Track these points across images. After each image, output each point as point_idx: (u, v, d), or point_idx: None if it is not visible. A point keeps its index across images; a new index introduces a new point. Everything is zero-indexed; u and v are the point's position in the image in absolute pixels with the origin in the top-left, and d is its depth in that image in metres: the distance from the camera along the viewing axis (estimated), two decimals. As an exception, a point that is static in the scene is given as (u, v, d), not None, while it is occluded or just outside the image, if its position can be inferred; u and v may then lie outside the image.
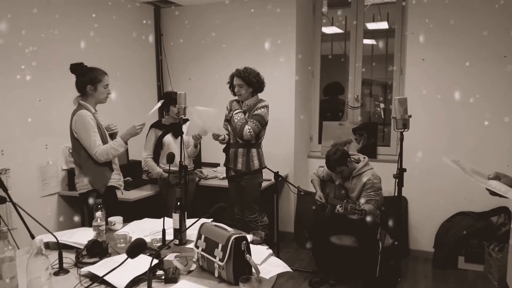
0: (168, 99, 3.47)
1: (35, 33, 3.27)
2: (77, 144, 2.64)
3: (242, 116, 3.26)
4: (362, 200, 3.12)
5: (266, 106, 3.31)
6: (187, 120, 3.55)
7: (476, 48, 3.61)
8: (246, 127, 3.21)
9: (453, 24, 3.66)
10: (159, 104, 2.99)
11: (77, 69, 2.64)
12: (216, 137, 3.31)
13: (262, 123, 3.29)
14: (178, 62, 4.72)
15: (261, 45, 4.28)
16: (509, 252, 3.23)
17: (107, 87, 2.70)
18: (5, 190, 2.40)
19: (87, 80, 2.63)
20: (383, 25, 4.38)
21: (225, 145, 3.45)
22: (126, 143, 2.72)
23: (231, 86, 3.35)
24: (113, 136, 2.88)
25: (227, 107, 3.47)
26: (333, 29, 4.66)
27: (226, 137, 3.38)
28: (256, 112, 3.26)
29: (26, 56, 3.20)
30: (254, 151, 3.32)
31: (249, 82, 3.22)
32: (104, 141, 2.67)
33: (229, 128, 3.37)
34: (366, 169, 3.24)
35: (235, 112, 3.29)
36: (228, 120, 3.40)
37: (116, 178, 2.77)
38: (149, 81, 4.65)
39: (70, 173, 3.53)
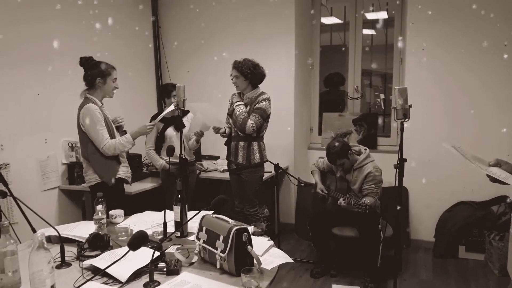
0: (164, 91, 3.51)
1: (34, 27, 3.24)
2: (85, 138, 2.66)
3: (243, 109, 3.23)
4: (363, 193, 3.13)
5: (268, 99, 3.29)
6: (187, 112, 3.55)
7: (476, 36, 3.59)
8: (249, 121, 3.18)
9: (453, 13, 3.63)
10: (171, 107, 2.98)
11: (87, 62, 2.67)
12: (217, 130, 3.30)
13: (264, 116, 3.27)
14: (176, 54, 4.69)
15: (260, 36, 4.26)
16: (510, 241, 3.25)
17: (115, 81, 2.75)
18: (6, 184, 2.41)
19: (97, 73, 2.66)
20: (383, 15, 4.35)
21: (225, 138, 3.44)
22: (134, 140, 2.77)
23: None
24: (119, 128, 2.89)
25: (229, 101, 3.45)
26: (332, 20, 4.63)
27: (227, 130, 3.37)
28: (257, 105, 3.23)
29: (24, 50, 3.18)
30: (255, 144, 3.31)
31: (243, 73, 3.19)
32: (111, 135, 2.70)
33: (231, 122, 3.36)
34: (367, 161, 3.23)
35: (236, 104, 3.27)
36: (230, 113, 3.39)
37: (124, 171, 2.81)
38: (148, 74, 4.63)
39: (70, 167, 3.54)
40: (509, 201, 3.53)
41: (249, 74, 3.20)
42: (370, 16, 4.35)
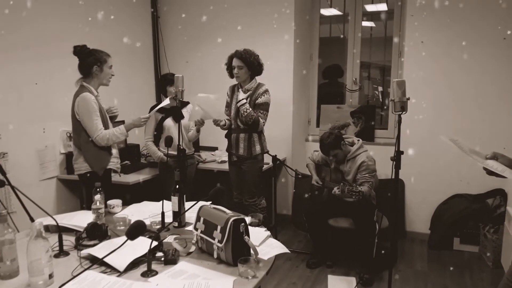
0: (164, 80, 3.48)
1: (32, 16, 3.21)
2: (78, 126, 2.65)
3: (249, 108, 3.20)
4: (357, 182, 3.15)
5: (267, 91, 3.29)
6: (186, 103, 3.54)
7: (476, 30, 3.59)
8: (261, 121, 3.24)
9: (452, 6, 3.62)
10: (167, 100, 2.97)
11: (81, 51, 2.64)
12: (217, 122, 3.30)
13: (268, 109, 3.30)
14: (175, 44, 4.67)
15: (258, 28, 4.23)
16: (504, 233, 3.28)
17: (111, 67, 2.72)
18: (4, 173, 2.40)
19: (93, 60, 2.63)
20: (382, 7, 4.33)
21: (226, 130, 3.44)
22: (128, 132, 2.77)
23: (229, 68, 3.32)
24: (113, 118, 2.89)
25: (227, 93, 3.45)
26: (331, 11, 4.60)
27: (227, 122, 3.37)
28: (259, 100, 3.24)
29: (21, 39, 3.16)
30: (255, 136, 3.32)
31: (249, 63, 3.18)
32: (106, 125, 2.68)
33: (231, 114, 3.35)
34: (360, 152, 3.25)
35: (240, 103, 3.21)
36: (229, 105, 3.38)
37: (114, 162, 2.80)
38: (146, 64, 4.61)
39: (68, 157, 3.53)
40: None
41: (257, 65, 3.20)
42: (370, 8, 4.34)
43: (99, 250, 1.67)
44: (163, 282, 1.47)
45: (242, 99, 3.22)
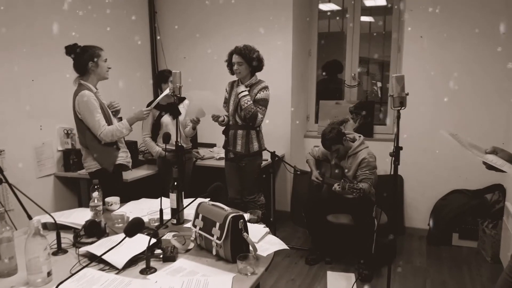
0: (160, 77, 3.48)
1: (29, 12, 3.19)
2: (82, 125, 2.64)
3: (250, 101, 3.19)
4: (358, 179, 3.14)
5: (267, 87, 3.28)
6: (182, 99, 3.53)
7: (475, 25, 3.57)
8: (259, 116, 3.22)
9: (452, 1, 3.61)
10: (166, 92, 2.96)
11: (73, 49, 2.62)
12: (215, 118, 3.28)
13: (267, 106, 3.29)
14: (172, 40, 4.65)
15: (257, 23, 4.21)
16: (503, 228, 3.29)
17: (106, 61, 2.70)
18: (1, 171, 2.39)
19: (87, 57, 2.61)
20: (381, 1, 4.32)
21: (223, 126, 3.43)
22: (131, 127, 2.75)
23: (229, 64, 3.30)
24: (116, 113, 2.88)
25: (226, 89, 3.43)
26: (330, 6, 4.58)
27: (226, 118, 3.35)
28: (258, 96, 3.22)
29: (17, 35, 3.13)
30: (253, 133, 3.30)
31: (249, 59, 3.17)
32: (108, 121, 2.68)
33: (229, 110, 3.34)
34: (362, 148, 3.24)
35: (241, 95, 3.20)
36: (227, 102, 3.37)
37: (123, 156, 2.81)
38: (144, 60, 4.59)
39: (66, 154, 3.52)
40: None
41: (257, 61, 3.19)
42: (368, 3, 4.32)
43: (97, 247, 1.66)
44: (162, 279, 1.46)
45: (244, 90, 3.20)
